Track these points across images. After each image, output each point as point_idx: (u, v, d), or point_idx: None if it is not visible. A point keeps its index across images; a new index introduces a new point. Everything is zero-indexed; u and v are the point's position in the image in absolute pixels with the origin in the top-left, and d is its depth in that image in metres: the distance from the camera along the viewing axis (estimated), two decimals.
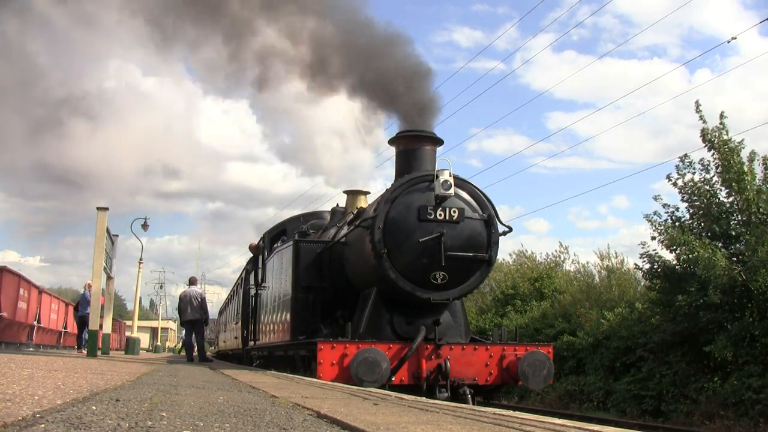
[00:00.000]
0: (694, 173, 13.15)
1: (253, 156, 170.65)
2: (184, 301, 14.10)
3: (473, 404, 6.87)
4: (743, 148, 12.63)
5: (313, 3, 9.28)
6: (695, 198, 13.04)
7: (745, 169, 12.42)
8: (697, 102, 12.99)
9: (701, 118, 12.89)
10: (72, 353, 16.23)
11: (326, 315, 8.68)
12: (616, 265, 19.86)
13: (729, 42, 13.24)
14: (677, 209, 13.54)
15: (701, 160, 13.07)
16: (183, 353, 18.38)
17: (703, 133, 12.86)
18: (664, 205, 13.65)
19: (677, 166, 13.35)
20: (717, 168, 12.76)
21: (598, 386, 14.68)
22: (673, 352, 13.03)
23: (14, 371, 5.28)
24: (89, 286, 15.54)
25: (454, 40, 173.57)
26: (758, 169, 12.65)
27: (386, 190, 7.85)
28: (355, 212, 9.43)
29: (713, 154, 12.79)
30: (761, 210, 12.01)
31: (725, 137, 12.60)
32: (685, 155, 13.23)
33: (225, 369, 9.39)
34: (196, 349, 14.19)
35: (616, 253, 22.16)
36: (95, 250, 13.71)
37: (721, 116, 12.87)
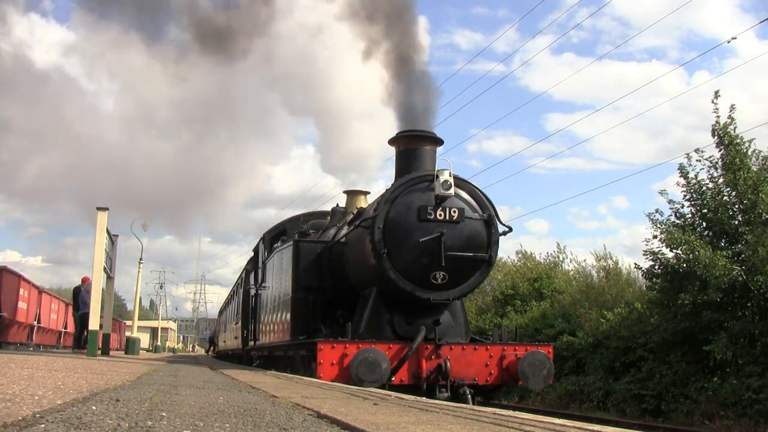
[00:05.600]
0: (701, 170, 12.88)
1: None
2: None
3: (473, 404, 6.86)
4: (750, 147, 12.36)
5: None
6: (697, 196, 12.88)
7: (750, 164, 12.21)
8: (716, 92, 12.44)
9: (716, 110, 12.48)
10: (72, 353, 16.22)
11: (326, 315, 8.68)
12: (612, 267, 19.88)
13: (729, 42, 13.18)
14: (682, 206, 13.26)
15: (710, 157, 12.78)
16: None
17: (714, 129, 12.55)
18: (670, 201, 13.40)
19: (688, 155, 12.95)
20: (723, 166, 12.47)
21: (598, 386, 14.67)
22: (673, 352, 13.02)
23: (14, 371, 5.27)
24: (85, 281, 15.48)
25: (455, 42, 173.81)
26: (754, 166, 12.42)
27: (386, 190, 7.85)
28: (355, 212, 9.43)
29: (721, 150, 12.50)
30: (761, 210, 11.94)
31: (733, 134, 12.34)
32: (698, 150, 12.86)
33: (225, 369, 9.39)
34: None
35: (611, 254, 22.21)
36: (95, 250, 13.70)
37: (731, 109, 12.50)
